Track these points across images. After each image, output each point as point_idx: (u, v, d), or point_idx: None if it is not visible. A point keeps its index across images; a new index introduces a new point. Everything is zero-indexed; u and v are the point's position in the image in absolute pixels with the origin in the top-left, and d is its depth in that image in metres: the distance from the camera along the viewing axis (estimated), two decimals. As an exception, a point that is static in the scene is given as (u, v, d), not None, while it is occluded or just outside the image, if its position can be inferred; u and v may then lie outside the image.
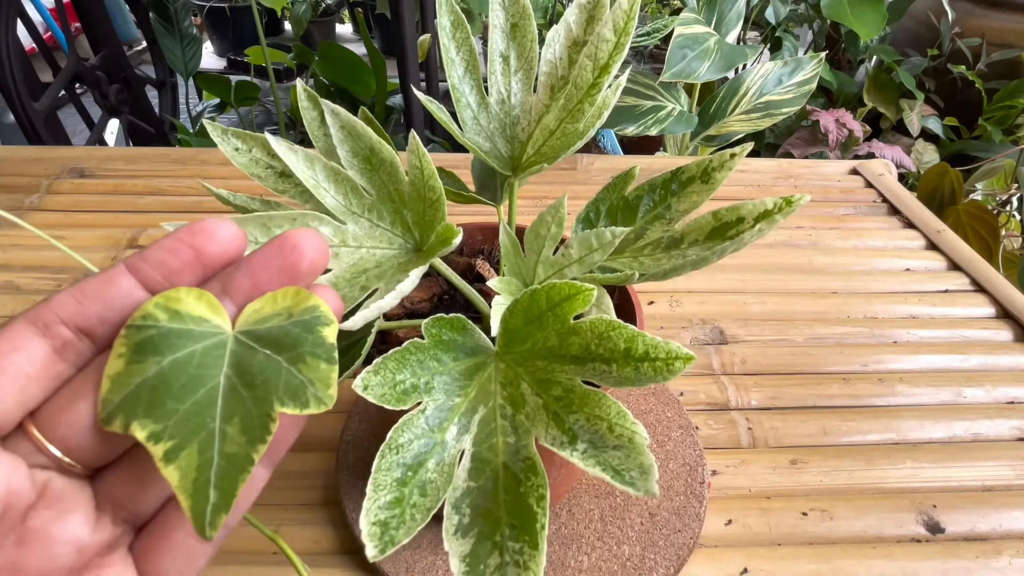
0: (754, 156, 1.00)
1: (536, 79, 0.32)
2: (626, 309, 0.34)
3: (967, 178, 0.98)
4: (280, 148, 0.27)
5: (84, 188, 0.70)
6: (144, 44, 1.91)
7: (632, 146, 1.52)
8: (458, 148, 1.21)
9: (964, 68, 1.38)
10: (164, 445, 0.18)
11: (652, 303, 0.56)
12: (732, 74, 1.16)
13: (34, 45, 1.32)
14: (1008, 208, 1.03)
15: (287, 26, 2.78)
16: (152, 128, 1.44)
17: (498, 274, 0.34)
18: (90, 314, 0.18)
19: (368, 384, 0.22)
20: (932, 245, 0.64)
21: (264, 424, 0.18)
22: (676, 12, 1.79)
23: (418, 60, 1.18)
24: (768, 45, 1.51)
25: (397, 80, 1.23)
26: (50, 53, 1.33)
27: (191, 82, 1.52)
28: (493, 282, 0.28)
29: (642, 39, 0.97)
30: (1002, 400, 0.47)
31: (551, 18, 1.22)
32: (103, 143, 1.42)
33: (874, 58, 1.47)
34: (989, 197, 1.05)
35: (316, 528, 0.38)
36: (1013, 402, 0.47)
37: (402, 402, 0.23)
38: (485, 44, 1.65)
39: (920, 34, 1.52)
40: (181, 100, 1.69)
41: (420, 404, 0.23)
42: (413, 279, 0.24)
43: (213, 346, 0.19)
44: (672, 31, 0.88)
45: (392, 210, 0.28)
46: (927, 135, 1.38)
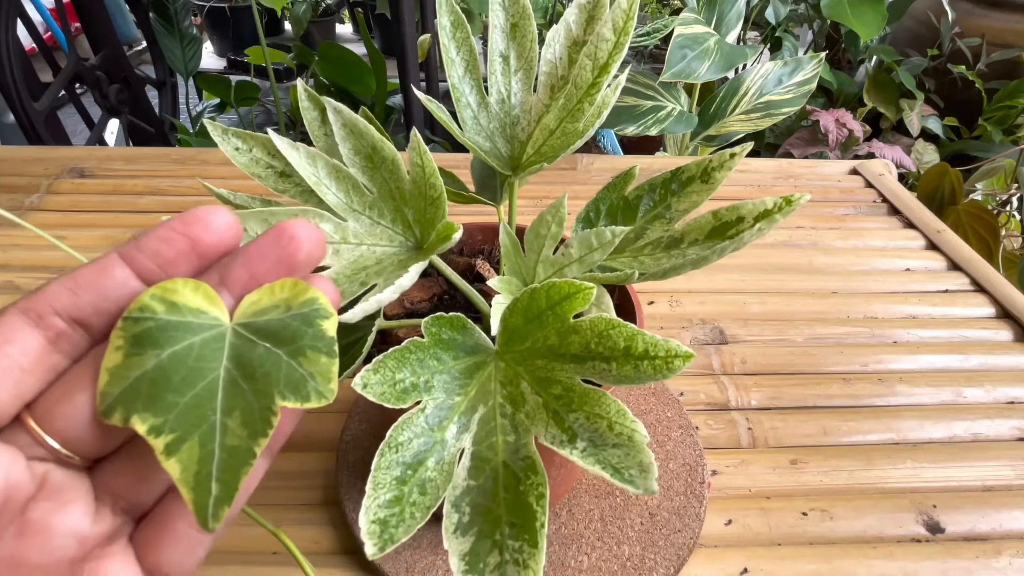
0: (754, 156, 1.00)
1: (536, 79, 0.32)
2: (626, 309, 0.34)
3: (967, 178, 0.98)
4: (282, 145, 0.27)
5: (84, 188, 0.70)
6: (144, 44, 1.91)
7: (632, 146, 1.52)
8: (458, 148, 1.21)
9: (964, 68, 1.38)
10: (165, 438, 0.18)
11: (652, 303, 0.56)
12: (732, 74, 1.16)
13: (34, 45, 1.32)
14: (1008, 208, 1.03)
15: (287, 26, 2.79)
16: (152, 128, 1.44)
17: (498, 274, 0.34)
18: (84, 304, 0.18)
19: (368, 382, 0.22)
20: (932, 245, 0.64)
21: (265, 417, 0.18)
22: (676, 12, 1.79)
23: (418, 60, 1.18)
24: (768, 45, 1.51)
25: (397, 80, 1.23)
26: (50, 53, 1.33)
27: (191, 82, 1.52)
28: (493, 281, 0.28)
29: (642, 39, 0.97)
30: (1002, 400, 0.47)
31: (551, 18, 1.22)
32: (103, 143, 1.42)
33: (874, 58, 1.47)
34: (989, 197, 1.05)
35: (316, 528, 0.38)
36: (1013, 402, 0.47)
37: (402, 401, 0.23)
38: (485, 44, 1.65)
39: (920, 34, 1.53)
40: (181, 100, 1.69)
41: (420, 403, 0.23)
42: (413, 274, 0.24)
43: (212, 338, 0.19)
44: (672, 31, 0.88)
45: (393, 208, 0.28)
46: (927, 135, 1.38)
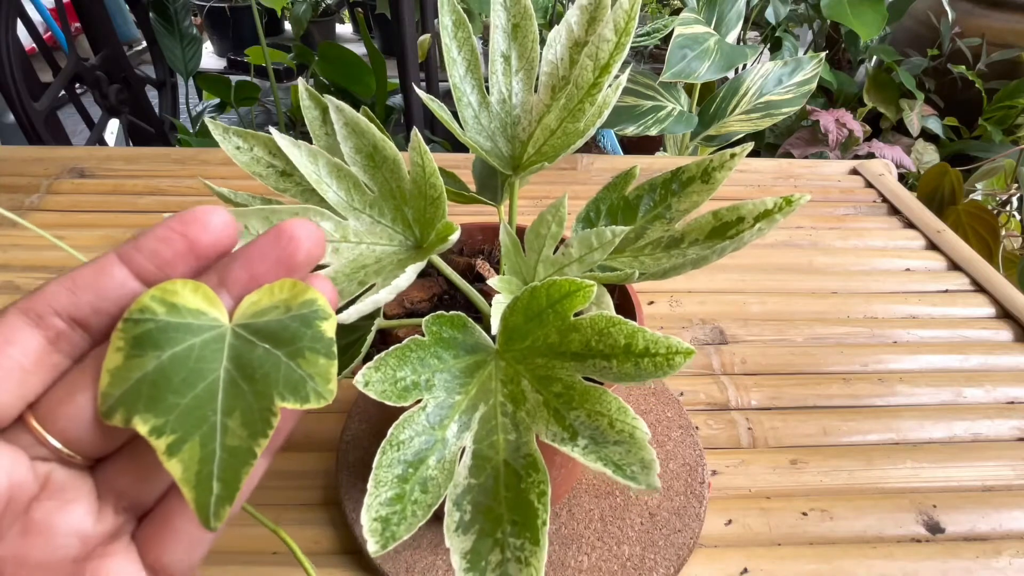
0: (754, 156, 1.00)
1: (537, 79, 0.32)
2: (626, 308, 0.34)
3: (967, 178, 0.98)
4: (284, 142, 0.27)
5: (84, 188, 0.70)
6: (144, 44, 1.91)
7: (632, 146, 1.52)
8: (458, 148, 1.21)
9: (964, 68, 1.38)
10: (166, 439, 0.18)
11: (652, 303, 0.56)
12: (732, 74, 1.16)
13: (34, 45, 1.32)
14: (1008, 208, 1.03)
15: (287, 26, 2.79)
16: (152, 128, 1.44)
17: (498, 274, 0.34)
18: (83, 304, 0.18)
19: (369, 380, 0.22)
20: (932, 245, 0.64)
21: (265, 418, 0.18)
22: (676, 12, 1.79)
23: (418, 60, 1.18)
24: (768, 45, 1.51)
25: (397, 80, 1.23)
26: (50, 53, 1.33)
27: (191, 82, 1.52)
28: (493, 281, 0.28)
29: (642, 39, 0.97)
30: (1002, 400, 0.47)
31: (551, 18, 1.22)
32: (103, 143, 1.42)
33: (874, 58, 1.47)
34: (989, 197, 1.05)
35: (316, 528, 0.38)
36: (1013, 402, 0.47)
37: (403, 399, 0.23)
38: (486, 44, 1.65)
39: (920, 34, 1.53)
40: (181, 100, 1.69)
41: (421, 401, 0.23)
42: (410, 275, 0.24)
43: (211, 339, 0.19)
44: (672, 31, 0.89)
45: (393, 207, 0.28)
46: (927, 135, 1.38)
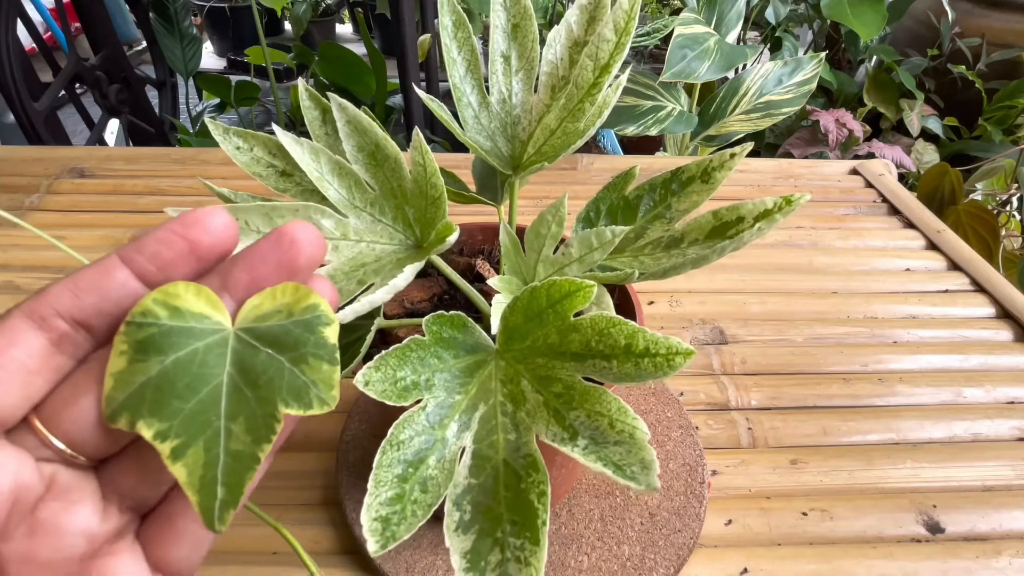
0: (754, 156, 1.00)
1: (537, 79, 0.32)
2: (626, 308, 0.34)
3: (967, 178, 0.98)
4: (286, 140, 0.27)
5: (84, 188, 0.70)
6: (144, 44, 1.91)
7: (632, 146, 1.52)
8: (458, 148, 1.21)
9: (964, 68, 1.38)
10: (171, 443, 0.18)
11: (652, 303, 0.56)
12: (732, 74, 1.16)
13: (34, 45, 1.32)
14: (1008, 208, 1.03)
15: (287, 26, 2.79)
16: (152, 128, 1.44)
17: (498, 274, 0.34)
18: (86, 306, 0.18)
19: (369, 380, 0.22)
20: (932, 245, 0.64)
21: (269, 424, 0.18)
22: (676, 12, 1.79)
23: (418, 60, 1.18)
24: (768, 45, 1.51)
25: (397, 80, 1.23)
26: (50, 53, 1.33)
27: (191, 82, 1.52)
28: (493, 281, 0.28)
29: (642, 39, 0.97)
30: (1002, 400, 0.47)
31: (551, 19, 1.22)
32: (103, 143, 1.42)
33: (874, 58, 1.47)
34: (989, 197, 1.05)
35: (316, 528, 0.38)
36: (1013, 402, 0.47)
37: (403, 399, 0.23)
38: (486, 44, 1.65)
39: (920, 34, 1.53)
40: (181, 100, 1.69)
41: (421, 401, 0.23)
42: (407, 275, 0.24)
43: (215, 344, 0.19)
44: (672, 31, 0.89)
45: (394, 206, 0.28)
46: (927, 135, 1.38)
